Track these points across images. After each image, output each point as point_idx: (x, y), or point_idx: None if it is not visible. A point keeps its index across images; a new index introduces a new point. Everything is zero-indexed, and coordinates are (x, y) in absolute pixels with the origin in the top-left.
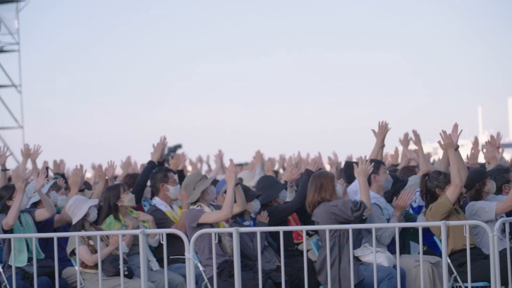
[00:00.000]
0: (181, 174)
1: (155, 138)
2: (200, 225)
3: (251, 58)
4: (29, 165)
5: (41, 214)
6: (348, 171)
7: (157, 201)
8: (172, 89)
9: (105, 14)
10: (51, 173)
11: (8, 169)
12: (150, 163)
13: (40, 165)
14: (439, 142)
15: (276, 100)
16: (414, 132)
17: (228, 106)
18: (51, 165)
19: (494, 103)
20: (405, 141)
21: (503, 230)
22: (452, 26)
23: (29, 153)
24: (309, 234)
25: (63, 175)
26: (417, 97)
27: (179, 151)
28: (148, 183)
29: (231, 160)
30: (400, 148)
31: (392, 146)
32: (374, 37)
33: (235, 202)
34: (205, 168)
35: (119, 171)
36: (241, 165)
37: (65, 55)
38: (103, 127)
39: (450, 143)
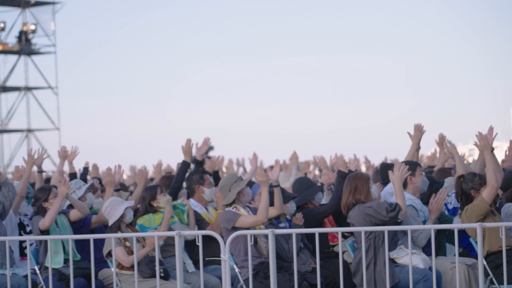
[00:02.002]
0: (217, 176)
1: (188, 139)
2: (236, 227)
3: (285, 58)
4: (65, 167)
5: (75, 214)
6: (384, 173)
7: (192, 203)
8: (205, 90)
9: (140, 15)
10: (88, 176)
11: (44, 171)
12: (184, 163)
13: (79, 166)
14: (475, 143)
15: (310, 100)
16: (446, 139)
17: (261, 107)
18: (90, 168)
19: None
20: (440, 142)
21: None
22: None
23: (66, 155)
24: (344, 235)
25: (100, 179)
26: (450, 99)
27: (211, 153)
28: (184, 184)
29: (269, 168)
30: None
31: (428, 147)
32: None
33: (272, 205)
34: (240, 170)
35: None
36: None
37: (101, 56)
38: (138, 128)
39: (486, 145)
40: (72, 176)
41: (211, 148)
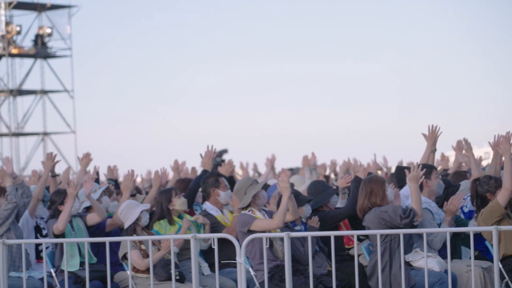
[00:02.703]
0: (231, 180)
1: (203, 142)
2: (251, 231)
3: (299, 62)
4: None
5: (92, 218)
6: (399, 175)
7: (208, 206)
8: (219, 93)
9: (156, 19)
10: (104, 178)
11: (58, 175)
12: (204, 171)
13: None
14: (492, 145)
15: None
16: (465, 140)
17: (276, 110)
18: (104, 171)
19: None
20: (458, 147)
21: None
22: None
23: (88, 161)
24: (360, 239)
25: (116, 181)
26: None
27: (225, 156)
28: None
29: (283, 170)
30: (447, 154)
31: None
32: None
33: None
34: (255, 174)
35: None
36: (291, 170)
37: (117, 59)
38: (153, 131)
39: (507, 148)
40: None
41: (225, 151)
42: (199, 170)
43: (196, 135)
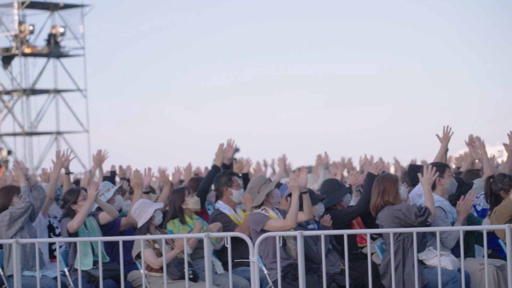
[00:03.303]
0: (246, 178)
1: (216, 142)
2: (264, 230)
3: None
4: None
5: (104, 217)
6: (412, 174)
7: (220, 205)
8: (230, 93)
9: (169, 18)
10: (117, 178)
11: (72, 173)
12: (214, 167)
13: (107, 168)
14: (505, 144)
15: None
16: (477, 139)
17: (288, 110)
18: (117, 171)
19: None
20: (470, 143)
21: None
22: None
23: (101, 159)
24: (373, 237)
25: (128, 180)
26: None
27: (237, 155)
28: (212, 186)
29: (302, 169)
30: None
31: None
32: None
33: (301, 210)
34: (269, 171)
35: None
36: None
37: (129, 58)
38: (166, 131)
39: None
40: (105, 179)
41: (237, 150)
42: None
43: (208, 135)
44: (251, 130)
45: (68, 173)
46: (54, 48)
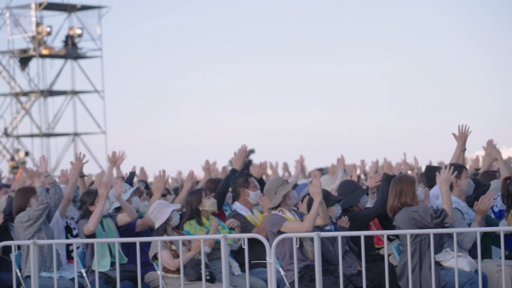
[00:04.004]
0: (261, 181)
1: (232, 143)
2: (281, 231)
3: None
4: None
5: (123, 218)
6: (429, 175)
7: (237, 206)
8: (249, 94)
9: (186, 19)
10: (135, 179)
11: (86, 175)
12: (233, 171)
13: (127, 170)
14: None
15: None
16: (490, 142)
17: (307, 110)
18: (137, 172)
19: None
20: (489, 146)
21: None
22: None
23: (115, 160)
24: (390, 238)
25: (146, 182)
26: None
27: (252, 156)
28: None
29: (315, 174)
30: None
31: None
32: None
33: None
34: (286, 174)
35: (199, 174)
36: (321, 170)
37: (147, 59)
38: (183, 132)
39: None
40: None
41: (252, 151)
42: None
43: (226, 136)
44: (267, 131)
45: (82, 176)
46: (71, 50)
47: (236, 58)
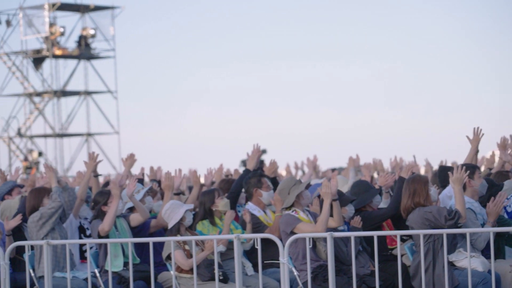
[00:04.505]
0: (275, 181)
1: (245, 144)
2: (294, 232)
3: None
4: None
5: (136, 218)
6: (442, 176)
7: (250, 206)
8: (261, 94)
9: (200, 19)
10: (147, 179)
11: (100, 175)
12: (246, 171)
13: (137, 171)
14: None
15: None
16: (505, 139)
17: (320, 110)
18: (147, 171)
19: None
20: (502, 145)
21: None
22: None
23: (132, 162)
24: (403, 239)
25: (159, 181)
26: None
27: (263, 156)
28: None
29: (333, 176)
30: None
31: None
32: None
33: (331, 216)
34: (299, 173)
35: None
36: (334, 170)
37: (160, 60)
38: (196, 132)
39: None
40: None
41: (263, 151)
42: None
43: (238, 137)
44: (279, 131)
45: (96, 175)
46: (84, 50)
47: (252, 59)
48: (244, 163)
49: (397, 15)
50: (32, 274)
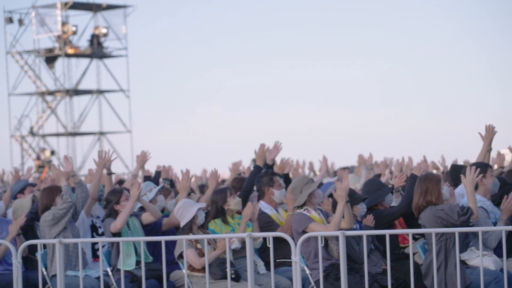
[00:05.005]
0: (287, 179)
1: (257, 142)
2: (306, 231)
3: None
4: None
5: (147, 217)
6: (454, 174)
7: (262, 205)
8: (273, 93)
9: (212, 18)
10: (160, 178)
11: (113, 173)
12: (256, 167)
13: (151, 169)
14: None
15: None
16: None
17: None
18: (152, 171)
19: None
20: None
21: None
22: None
23: (145, 160)
24: (415, 237)
25: (171, 180)
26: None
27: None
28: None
29: (345, 177)
30: (502, 151)
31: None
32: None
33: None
34: (311, 173)
35: (225, 174)
36: (347, 169)
37: (172, 59)
38: (208, 131)
39: None
40: (146, 179)
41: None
42: None
43: (251, 135)
44: (287, 130)
45: (110, 173)
46: (97, 49)
47: (264, 57)
48: (255, 161)
49: (398, 15)
50: (45, 273)
